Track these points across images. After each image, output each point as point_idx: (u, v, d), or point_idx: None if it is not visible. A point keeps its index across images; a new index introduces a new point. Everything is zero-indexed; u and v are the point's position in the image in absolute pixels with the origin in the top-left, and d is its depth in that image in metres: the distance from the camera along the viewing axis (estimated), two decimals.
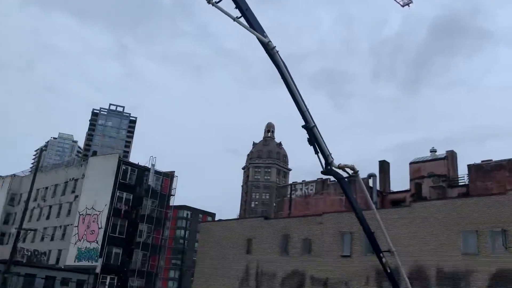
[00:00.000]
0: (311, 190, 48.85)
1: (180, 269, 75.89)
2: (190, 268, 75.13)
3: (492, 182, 35.29)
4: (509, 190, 28.50)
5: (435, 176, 41.65)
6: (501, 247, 26.14)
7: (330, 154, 15.04)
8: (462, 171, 41.60)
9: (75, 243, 51.73)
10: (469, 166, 38.11)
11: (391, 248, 16.75)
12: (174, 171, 56.18)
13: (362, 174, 41.55)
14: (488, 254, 26.60)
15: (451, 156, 43.47)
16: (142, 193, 52.15)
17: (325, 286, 33.78)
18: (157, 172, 54.06)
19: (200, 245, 48.85)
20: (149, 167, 53.63)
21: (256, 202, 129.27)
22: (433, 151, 46.02)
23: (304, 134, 15.05)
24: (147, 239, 50.84)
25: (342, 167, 15.05)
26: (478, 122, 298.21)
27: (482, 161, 37.65)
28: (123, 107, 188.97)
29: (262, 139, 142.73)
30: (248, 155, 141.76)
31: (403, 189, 45.82)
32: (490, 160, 37.23)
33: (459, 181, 41.80)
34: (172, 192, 54.26)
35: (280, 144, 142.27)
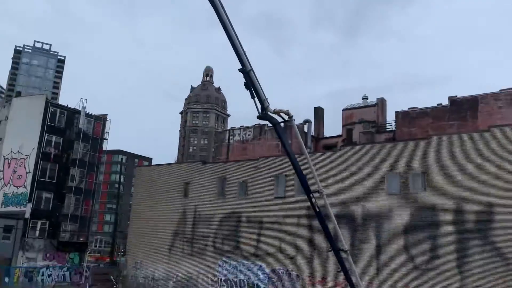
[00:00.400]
0: (249, 135, 49.49)
1: (115, 213, 75.27)
2: (126, 212, 74.85)
3: (417, 128, 37.70)
4: (430, 135, 30.60)
5: (365, 122, 43.71)
6: (420, 188, 28.49)
7: (266, 99, 15.06)
8: (391, 118, 43.91)
9: (1, 188, 49.23)
10: (397, 113, 40.24)
11: (321, 189, 17.55)
12: (107, 115, 53.96)
13: (299, 120, 42.60)
14: (408, 194, 28.92)
15: (381, 103, 45.55)
16: (72, 137, 49.93)
17: (260, 225, 35.28)
18: (88, 115, 51.69)
19: (136, 189, 48.51)
20: (80, 109, 51.08)
21: (194, 147, 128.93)
22: (365, 98, 47.87)
23: (242, 79, 14.92)
24: (80, 183, 49.40)
25: (277, 112, 15.16)
26: (409, 70, 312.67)
27: (409, 108, 39.87)
28: (50, 45, 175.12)
29: (200, 83, 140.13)
30: (186, 99, 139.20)
31: (336, 134, 47.79)
32: (416, 107, 39.50)
33: (387, 127, 44.21)
34: (105, 136, 52.40)
35: (219, 89, 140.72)
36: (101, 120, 53.07)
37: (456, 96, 37.25)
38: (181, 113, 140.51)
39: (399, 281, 27.96)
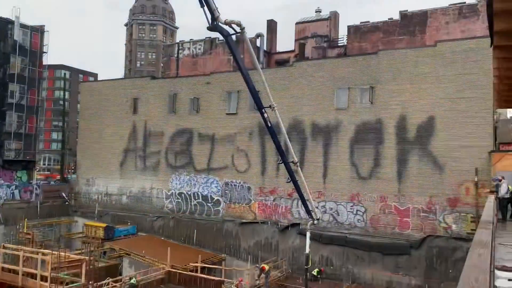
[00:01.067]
0: (199, 49, 47.92)
1: (62, 130, 72.99)
2: (74, 129, 72.71)
3: (367, 43, 37.93)
4: (380, 50, 30.96)
5: (318, 37, 43.32)
6: (367, 102, 29.42)
7: (216, 8, 14.40)
8: (344, 32, 43.68)
9: None
10: (349, 27, 40.01)
11: (272, 104, 17.74)
12: (44, 26, 49.80)
13: (251, 34, 41.40)
14: (356, 109, 29.87)
15: (334, 17, 44.96)
16: (8, 50, 46.09)
17: (212, 141, 35.65)
18: (24, 26, 47.42)
19: (82, 106, 46.84)
20: (13, 19, 46.65)
21: (142, 62, 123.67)
22: (318, 11, 46.96)
23: None
24: (21, 100, 46.74)
25: (228, 23, 14.62)
26: None
27: (361, 23, 39.69)
28: None
29: None
30: (131, 10, 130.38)
31: (289, 49, 47.28)
32: (368, 21, 39.36)
33: (339, 42, 44.15)
34: (44, 49, 48.73)
35: None
36: (38, 31, 48.99)
37: (407, 10, 37.33)
38: (126, 25, 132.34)
39: (344, 189, 29.91)
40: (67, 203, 44.14)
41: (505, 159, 23.33)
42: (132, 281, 24.73)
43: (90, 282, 23.68)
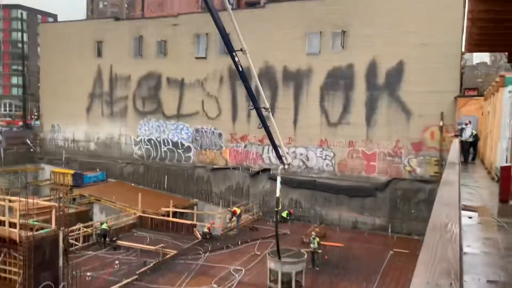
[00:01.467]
0: None
1: (22, 74, 69.59)
2: (35, 74, 69.40)
3: None
4: None
5: None
6: (339, 46, 29.18)
7: None
8: None
9: None
10: None
11: (244, 47, 17.25)
12: None
13: None
14: (327, 54, 29.62)
15: None
16: None
17: (181, 86, 34.92)
18: None
19: (42, 48, 44.53)
20: None
21: (105, 3, 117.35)
22: None
23: None
24: None
25: None
26: None
27: None
28: None
29: None
30: None
31: None
32: None
33: None
34: None
35: None
36: None
37: None
38: None
39: (314, 135, 30.30)
40: (32, 150, 43.03)
41: (469, 104, 24.00)
42: (104, 226, 24.84)
43: (61, 228, 23.59)
